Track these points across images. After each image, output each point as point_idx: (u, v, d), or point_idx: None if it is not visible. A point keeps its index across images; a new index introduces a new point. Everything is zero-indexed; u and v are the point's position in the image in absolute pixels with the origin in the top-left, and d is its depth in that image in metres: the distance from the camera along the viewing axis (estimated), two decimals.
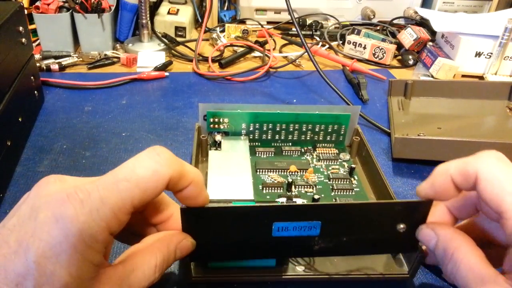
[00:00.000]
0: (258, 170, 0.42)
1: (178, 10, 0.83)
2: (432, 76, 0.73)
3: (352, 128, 0.46)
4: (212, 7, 0.82)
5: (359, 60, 0.79)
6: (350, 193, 0.41)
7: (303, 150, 0.46)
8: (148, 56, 0.73)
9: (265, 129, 0.45)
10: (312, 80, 0.71)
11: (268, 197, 0.40)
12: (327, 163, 0.45)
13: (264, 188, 0.41)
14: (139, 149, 0.49)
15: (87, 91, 0.63)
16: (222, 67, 0.73)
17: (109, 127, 0.54)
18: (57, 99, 0.60)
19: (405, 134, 0.51)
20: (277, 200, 0.39)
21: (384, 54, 0.77)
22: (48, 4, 0.69)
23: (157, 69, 0.69)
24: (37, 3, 0.70)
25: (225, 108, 0.44)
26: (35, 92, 0.56)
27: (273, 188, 0.41)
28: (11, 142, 0.44)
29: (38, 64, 0.64)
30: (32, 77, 0.54)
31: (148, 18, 0.75)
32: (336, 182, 0.42)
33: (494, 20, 0.77)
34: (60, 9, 0.70)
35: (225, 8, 0.96)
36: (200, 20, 0.90)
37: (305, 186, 0.41)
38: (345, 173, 0.43)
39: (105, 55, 0.72)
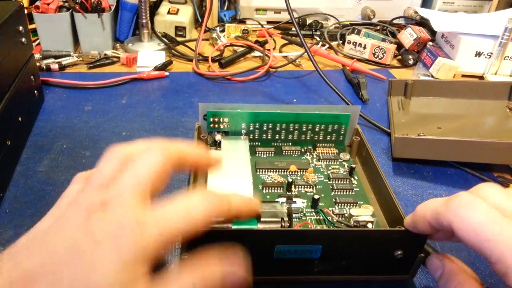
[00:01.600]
0: (258, 170, 0.42)
1: (178, 9, 0.83)
2: (432, 76, 0.73)
3: (352, 128, 0.46)
4: (212, 7, 0.82)
5: (359, 60, 0.79)
6: (350, 193, 0.41)
7: (303, 150, 0.46)
8: (148, 55, 0.73)
9: (265, 128, 0.45)
10: (312, 80, 0.71)
11: (268, 197, 0.40)
12: (327, 163, 0.45)
13: (264, 188, 0.40)
14: None
15: (87, 90, 0.63)
16: (222, 67, 0.73)
17: (109, 126, 0.54)
18: (57, 98, 0.60)
19: (405, 134, 0.51)
20: (277, 200, 0.39)
21: (384, 54, 0.77)
22: (48, 4, 0.69)
23: (157, 68, 0.69)
24: (37, 3, 0.70)
25: (225, 108, 0.44)
26: (35, 91, 0.56)
27: (273, 188, 0.41)
28: (11, 142, 0.44)
29: (38, 64, 0.64)
30: (32, 77, 0.54)
31: (148, 18, 0.75)
32: (336, 182, 0.42)
33: (494, 20, 0.77)
34: (60, 8, 0.70)
35: (225, 8, 0.96)
36: (200, 20, 0.90)
37: (305, 186, 0.41)
38: (345, 173, 0.43)
39: (105, 54, 0.72)
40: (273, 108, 0.44)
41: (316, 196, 0.38)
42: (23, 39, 0.51)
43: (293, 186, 0.41)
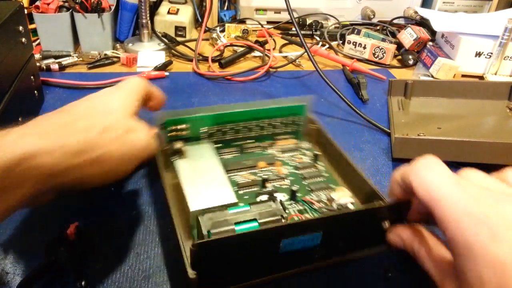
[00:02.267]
0: (227, 172, 0.41)
1: (178, 9, 0.83)
2: (432, 76, 0.73)
3: (308, 117, 0.47)
4: (212, 7, 0.82)
5: (359, 60, 0.79)
6: (320, 179, 0.42)
7: (265, 145, 0.46)
8: (148, 55, 0.73)
9: (226, 129, 0.44)
10: (312, 80, 0.71)
11: (246, 197, 0.39)
12: (291, 154, 0.46)
13: (240, 189, 0.40)
14: None
15: (87, 91, 0.63)
16: (222, 67, 0.73)
17: None
18: (57, 98, 0.60)
19: (405, 134, 0.51)
20: (257, 199, 0.39)
21: (384, 54, 0.77)
22: (48, 4, 0.69)
23: (157, 69, 0.69)
24: (37, 3, 0.70)
25: (184, 114, 0.42)
26: (35, 92, 0.56)
27: (248, 187, 0.40)
28: None
29: (38, 64, 0.64)
30: (32, 77, 0.54)
31: (148, 18, 0.75)
32: (305, 171, 0.43)
33: (494, 20, 0.77)
34: (60, 8, 0.70)
35: (225, 8, 0.97)
36: (200, 20, 0.90)
37: (278, 180, 0.42)
38: (310, 161, 0.44)
39: (105, 54, 0.72)
40: (232, 108, 0.43)
41: (294, 188, 0.39)
42: (23, 39, 0.51)
43: (266, 182, 0.41)
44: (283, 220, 0.33)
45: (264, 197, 0.39)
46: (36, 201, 0.30)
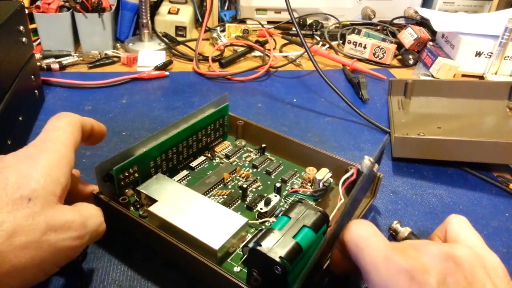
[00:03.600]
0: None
1: (178, 9, 0.83)
2: (432, 76, 0.73)
3: (230, 115, 0.47)
4: (212, 7, 0.82)
5: (359, 60, 0.79)
6: (282, 167, 0.44)
7: (209, 156, 0.44)
8: (149, 55, 0.73)
9: (170, 155, 0.41)
10: (312, 79, 0.71)
11: (239, 212, 0.37)
12: (237, 155, 0.45)
13: (228, 206, 0.38)
14: None
15: (88, 90, 0.63)
16: (223, 66, 0.73)
17: (109, 126, 0.54)
18: (58, 98, 0.60)
19: (405, 133, 0.51)
20: (259, 209, 0.37)
21: (384, 54, 0.77)
22: (49, 4, 0.69)
23: (157, 68, 0.69)
24: (38, 3, 0.70)
25: (126, 156, 0.36)
26: (36, 91, 0.56)
27: (233, 202, 0.39)
28: (12, 141, 0.44)
29: (38, 64, 0.64)
30: (32, 77, 0.54)
31: (148, 18, 0.75)
32: (263, 166, 0.44)
33: (494, 20, 0.77)
34: (60, 8, 0.70)
35: (226, 8, 0.97)
36: (200, 20, 0.90)
37: (253, 184, 0.41)
38: (260, 156, 0.45)
39: (106, 54, 0.72)
40: (170, 130, 0.40)
41: (277, 185, 0.39)
42: (24, 39, 0.51)
43: (247, 191, 0.40)
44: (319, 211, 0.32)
45: (262, 207, 0.37)
46: None
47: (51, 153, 0.28)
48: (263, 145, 0.45)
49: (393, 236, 0.39)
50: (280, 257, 0.27)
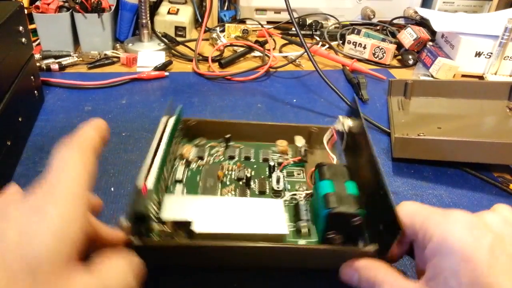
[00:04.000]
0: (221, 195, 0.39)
1: (178, 10, 0.83)
2: (432, 76, 0.73)
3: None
4: (212, 7, 0.82)
5: (359, 60, 0.79)
6: (254, 150, 0.44)
7: (185, 164, 0.42)
8: (148, 56, 0.73)
9: (162, 177, 0.37)
10: (312, 80, 0.71)
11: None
12: (208, 154, 0.44)
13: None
14: (139, 149, 0.49)
15: (87, 91, 0.63)
16: (222, 67, 0.73)
17: (109, 127, 0.54)
18: (57, 98, 0.60)
19: (405, 134, 0.51)
20: (276, 188, 0.39)
21: (384, 54, 0.77)
22: (48, 4, 0.69)
23: (157, 69, 0.69)
24: (37, 3, 0.70)
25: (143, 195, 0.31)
26: (35, 91, 0.56)
27: (246, 194, 0.39)
28: (11, 142, 0.44)
29: (38, 64, 0.64)
30: (32, 77, 0.54)
31: (148, 18, 0.75)
32: (239, 153, 0.44)
33: (494, 20, 0.77)
34: (60, 8, 0.70)
35: (225, 8, 0.96)
36: (200, 20, 0.90)
37: (246, 172, 0.41)
38: (227, 147, 0.45)
39: (105, 54, 0.72)
40: (152, 154, 0.35)
41: (271, 163, 0.41)
42: (23, 39, 0.51)
43: (251, 181, 0.40)
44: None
45: (274, 184, 0.39)
46: None
47: (62, 199, 0.22)
48: (227, 136, 0.45)
49: None
50: (356, 209, 0.31)
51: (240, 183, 0.40)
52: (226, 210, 0.34)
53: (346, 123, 0.40)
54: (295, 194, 0.39)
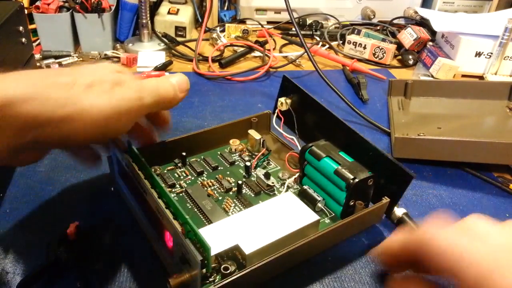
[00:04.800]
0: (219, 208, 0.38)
1: (178, 10, 0.83)
2: (432, 76, 0.73)
3: None
4: (212, 7, 0.82)
5: (359, 60, 0.79)
6: (212, 157, 0.44)
7: (170, 191, 0.40)
8: (148, 56, 0.73)
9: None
10: (312, 80, 0.71)
11: (260, 202, 0.38)
12: (178, 177, 0.41)
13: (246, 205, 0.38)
14: None
15: None
16: (222, 67, 0.73)
17: None
18: None
19: (405, 134, 0.51)
20: (270, 184, 0.40)
21: (384, 54, 0.77)
22: (48, 4, 0.69)
23: (157, 69, 0.69)
24: (37, 3, 0.70)
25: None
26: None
27: (247, 201, 0.38)
28: None
29: (38, 64, 0.65)
30: None
31: (148, 18, 0.75)
32: (204, 167, 0.43)
33: (494, 20, 0.77)
34: (60, 9, 0.70)
35: (225, 8, 0.97)
36: (200, 20, 0.90)
37: (228, 181, 0.40)
38: (186, 165, 0.43)
39: (105, 55, 0.72)
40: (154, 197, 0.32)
41: (248, 163, 0.42)
42: (23, 39, 0.51)
43: (242, 188, 0.39)
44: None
45: (268, 181, 0.40)
46: (17, 158, 0.30)
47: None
48: (183, 154, 0.42)
49: (387, 216, 0.39)
50: (368, 172, 0.35)
51: (230, 193, 0.39)
52: (253, 223, 0.34)
53: (286, 101, 0.42)
54: (284, 182, 0.41)
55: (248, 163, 0.41)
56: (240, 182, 0.39)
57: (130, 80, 0.32)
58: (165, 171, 0.42)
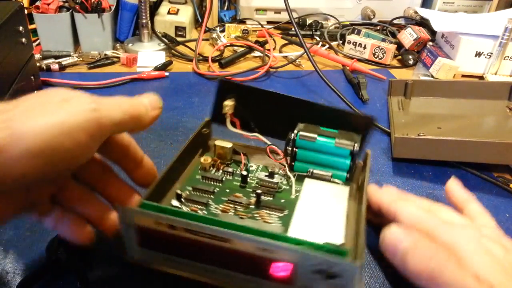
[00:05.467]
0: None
1: (178, 10, 0.83)
2: (432, 76, 0.73)
3: None
4: (212, 7, 0.82)
5: (359, 60, 0.79)
6: (193, 172, 0.40)
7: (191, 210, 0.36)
8: (148, 56, 0.73)
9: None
10: (312, 80, 0.71)
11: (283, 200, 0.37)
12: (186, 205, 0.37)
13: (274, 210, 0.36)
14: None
15: (87, 91, 0.62)
16: (222, 67, 0.73)
17: None
18: None
19: (405, 134, 0.51)
20: (279, 182, 0.39)
21: (384, 54, 0.77)
22: (48, 4, 0.69)
23: (157, 69, 0.69)
24: (37, 3, 0.70)
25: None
26: (35, 92, 0.56)
27: (277, 209, 0.36)
28: None
29: (38, 64, 0.64)
30: (32, 77, 0.54)
31: (148, 18, 0.75)
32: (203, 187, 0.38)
33: (494, 20, 0.77)
34: (60, 9, 0.70)
35: (225, 8, 0.97)
36: (200, 20, 0.90)
37: (237, 196, 0.37)
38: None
39: (105, 55, 0.72)
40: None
41: (244, 172, 0.38)
42: (23, 39, 0.51)
43: (260, 197, 0.37)
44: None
45: (277, 179, 0.39)
46: None
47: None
48: (177, 192, 0.36)
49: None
50: (357, 135, 0.39)
51: (251, 206, 0.36)
52: (315, 218, 0.34)
53: (230, 104, 0.39)
54: (289, 178, 0.40)
55: (244, 172, 0.38)
56: (259, 191, 0.36)
57: (82, 95, 0.26)
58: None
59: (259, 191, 0.36)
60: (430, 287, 0.29)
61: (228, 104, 0.39)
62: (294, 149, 0.39)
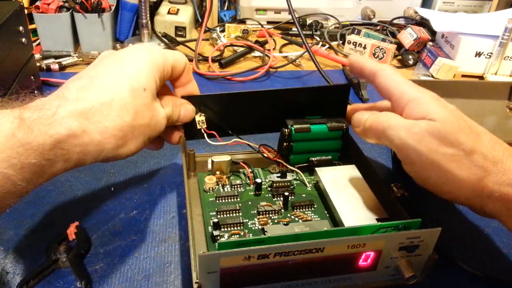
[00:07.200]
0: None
1: (178, 10, 0.83)
2: (432, 76, 0.73)
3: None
4: (212, 7, 0.82)
5: None
6: (205, 197, 0.39)
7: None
8: None
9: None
10: (312, 80, 0.71)
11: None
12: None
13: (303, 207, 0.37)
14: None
15: None
16: (222, 67, 0.73)
17: None
18: None
19: None
20: (292, 180, 0.40)
21: (384, 54, 0.77)
22: (48, 4, 0.69)
23: None
24: (37, 3, 0.70)
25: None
26: (35, 92, 0.56)
27: (304, 207, 0.37)
28: None
29: (38, 64, 0.64)
30: (32, 77, 0.54)
31: (148, 18, 0.75)
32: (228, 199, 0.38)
33: (494, 20, 0.77)
34: (60, 8, 0.70)
35: (225, 8, 0.96)
36: (200, 20, 0.90)
37: (266, 205, 0.37)
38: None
39: None
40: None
41: (258, 180, 0.38)
42: (23, 39, 0.51)
43: (288, 199, 0.37)
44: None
45: (289, 177, 0.40)
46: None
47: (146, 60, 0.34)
48: (214, 221, 0.34)
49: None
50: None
51: (283, 210, 0.37)
52: (352, 203, 0.36)
53: (201, 117, 0.39)
54: (291, 171, 0.41)
55: (258, 180, 0.38)
56: (286, 193, 0.37)
57: (159, 110, 0.35)
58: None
59: (286, 193, 0.37)
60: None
61: (200, 119, 0.39)
62: (290, 143, 0.40)
